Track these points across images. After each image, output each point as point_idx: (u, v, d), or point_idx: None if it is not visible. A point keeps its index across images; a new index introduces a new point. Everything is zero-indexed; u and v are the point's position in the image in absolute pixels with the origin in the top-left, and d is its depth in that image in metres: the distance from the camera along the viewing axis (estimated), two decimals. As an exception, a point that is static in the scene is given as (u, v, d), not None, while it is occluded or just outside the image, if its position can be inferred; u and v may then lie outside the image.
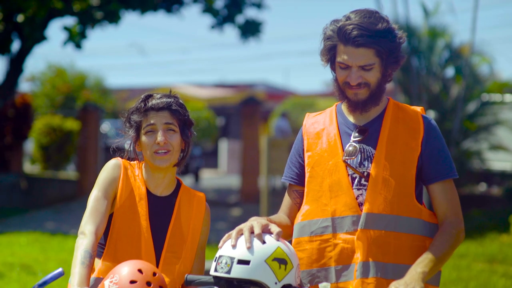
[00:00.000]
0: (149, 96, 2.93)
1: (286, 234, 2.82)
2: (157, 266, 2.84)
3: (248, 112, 16.23)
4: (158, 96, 2.92)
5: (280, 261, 2.45)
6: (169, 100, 2.90)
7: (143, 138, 2.89)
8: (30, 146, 18.38)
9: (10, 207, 14.66)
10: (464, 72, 13.03)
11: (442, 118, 12.97)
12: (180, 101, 2.95)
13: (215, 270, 2.46)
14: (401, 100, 13.45)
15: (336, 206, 2.71)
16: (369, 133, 2.73)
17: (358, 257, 2.66)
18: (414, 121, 2.74)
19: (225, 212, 14.15)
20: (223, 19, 15.45)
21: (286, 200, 2.90)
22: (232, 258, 2.44)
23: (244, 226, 2.51)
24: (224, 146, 25.43)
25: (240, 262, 2.43)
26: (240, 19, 15.38)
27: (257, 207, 13.75)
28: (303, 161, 2.84)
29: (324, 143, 2.79)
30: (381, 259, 2.65)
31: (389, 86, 2.91)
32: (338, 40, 2.69)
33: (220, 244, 2.51)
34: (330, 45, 2.73)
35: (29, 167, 18.68)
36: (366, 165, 2.70)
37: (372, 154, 2.71)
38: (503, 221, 10.83)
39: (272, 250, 2.45)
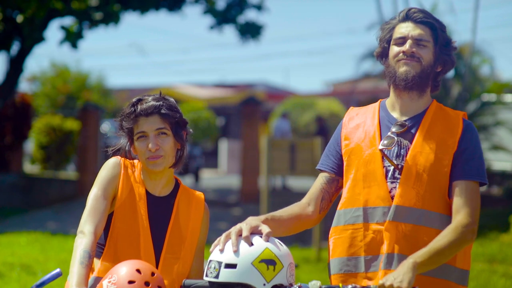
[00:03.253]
0: (138, 101, 2.89)
1: (299, 224, 2.83)
2: (157, 267, 2.83)
3: (248, 112, 16.22)
4: (148, 100, 2.87)
5: (268, 262, 2.46)
6: (157, 103, 2.85)
7: (136, 143, 2.88)
8: (30, 146, 18.37)
9: (10, 207, 14.66)
10: (464, 72, 13.03)
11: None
12: (170, 102, 2.90)
13: (206, 275, 2.51)
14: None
15: (368, 196, 2.74)
16: (408, 128, 2.77)
17: (385, 248, 2.68)
18: (454, 121, 2.78)
19: (225, 212, 14.15)
20: (222, 19, 15.45)
21: (314, 186, 2.90)
22: (219, 263, 2.47)
23: (233, 229, 2.53)
24: (224, 146, 25.43)
25: (227, 266, 2.46)
26: (240, 20, 15.38)
27: (257, 207, 13.75)
28: (341, 150, 2.87)
29: (363, 132, 2.83)
30: (408, 252, 2.64)
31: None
32: (398, 21, 2.84)
33: (211, 249, 2.54)
34: (389, 27, 2.85)
35: (29, 167, 18.67)
36: (402, 157, 2.73)
37: (408, 148, 2.74)
38: (503, 221, 10.82)
39: (259, 252, 2.47)
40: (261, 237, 2.53)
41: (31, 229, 11.96)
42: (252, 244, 2.49)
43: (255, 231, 2.55)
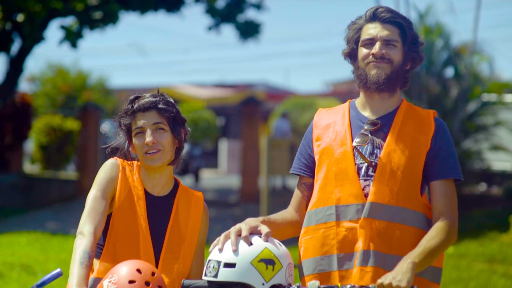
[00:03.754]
0: (136, 98, 2.92)
1: (291, 230, 2.85)
2: (156, 267, 2.83)
3: (248, 112, 16.23)
4: (145, 96, 2.91)
5: (267, 261, 2.47)
6: (154, 99, 2.89)
7: (134, 140, 2.90)
8: (30, 146, 18.37)
9: (10, 207, 14.66)
10: (463, 72, 13.02)
11: (442, 118, 12.94)
12: (167, 98, 2.93)
13: (205, 275, 2.51)
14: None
15: (341, 194, 2.74)
16: (380, 126, 2.77)
17: (359, 245, 2.67)
18: (426, 120, 2.79)
19: (225, 212, 14.14)
20: (221, 19, 15.45)
21: (295, 193, 2.92)
22: (219, 262, 2.47)
23: (232, 229, 2.54)
24: (224, 146, 25.42)
25: (226, 265, 2.46)
26: (240, 19, 15.38)
27: (257, 207, 13.75)
28: (312, 151, 2.87)
29: (333, 132, 2.83)
30: (382, 249, 2.66)
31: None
32: (365, 21, 2.81)
33: (210, 249, 2.55)
34: (356, 28, 2.83)
35: (29, 167, 18.67)
36: (375, 155, 2.74)
37: (382, 146, 2.74)
38: (503, 221, 10.82)
39: (259, 252, 2.47)
40: (260, 237, 2.53)
41: (31, 229, 11.96)
42: (251, 244, 2.49)
43: (254, 231, 2.56)
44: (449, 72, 13.98)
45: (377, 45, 2.75)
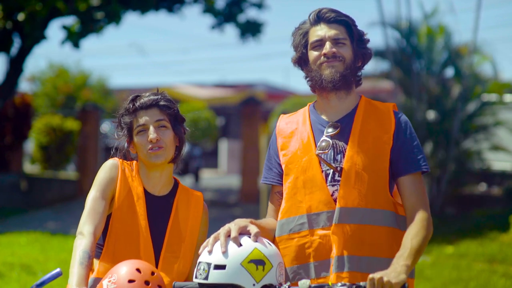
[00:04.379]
0: (136, 96, 2.93)
1: (270, 235, 2.82)
2: (156, 266, 2.83)
3: (248, 112, 16.23)
4: (146, 95, 2.92)
5: (257, 262, 2.46)
6: (156, 97, 2.90)
7: (136, 138, 2.90)
8: (30, 146, 18.37)
9: (10, 207, 14.65)
10: (463, 72, 13.02)
11: (442, 118, 12.96)
12: (168, 96, 2.95)
13: (195, 277, 2.50)
14: (402, 101, 13.45)
15: (311, 203, 2.73)
16: (341, 129, 2.76)
17: (334, 252, 2.67)
18: (386, 116, 2.78)
19: (225, 212, 14.14)
20: (223, 19, 15.45)
21: (270, 202, 2.92)
22: (209, 264, 2.47)
23: (222, 230, 2.53)
24: (224, 146, 25.42)
25: (217, 267, 2.45)
26: (241, 18, 15.38)
27: (257, 207, 13.75)
28: (279, 160, 2.86)
29: (297, 140, 2.82)
30: (356, 252, 2.66)
31: (390, 86, 2.91)
32: (310, 25, 2.81)
33: (200, 250, 2.54)
34: (302, 33, 2.82)
35: (29, 167, 18.67)
36: (339, 159, 2.73)
37: (345, 149, 2.74)
38: (503, 221, 10.81)
39: (248, 252, 2.47)
40: (249, 237, 2.53)
41: (31, 229, 11.96)
42: (240, 245, 2.49)
43: (243, 232, 2.55)
44: (449, 72, 13.99)
45: (327, 45, 2.75)
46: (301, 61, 2.85)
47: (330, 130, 2.77)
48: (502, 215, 11.42)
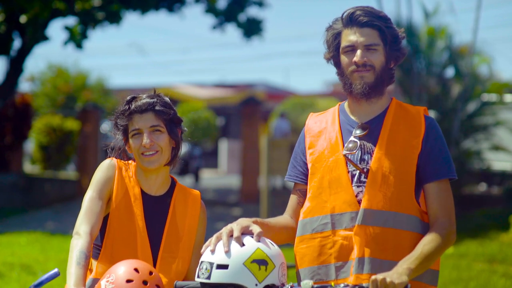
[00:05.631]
0: (133, 98, 2.90)
1: (286, 235, 2.82)
2: (154, 266, 2.83)
3: (248, 112, 16.23)
4: (142, 97, 2.89)
5: (260, 262, 2.46)
6: (152, 100, 2.86)
7: (131, 141, 2.89)
8: (30, 146, 18.37)
9: (10, 207, 14.65)
10: (464, 72, 13.02)
11: (442, 118, 12.96)
12: (165, 99, 2.92)
13: (197, 276, 2.49)
14: (402, 101, 13.42)
15: (335, 203, 2.71)
16: (370, 130, 2.74)
17: (355, 253, 2.65)
18: (416, 120, 2.75)
19: (225, 212, 14.14)
20: (225, 18, 15.44)
21: (291, 200, 2.90)
22: (211, 263, 2.46)
23: (224, 230, 2.52)
24: (224, 146, 25.42)
25: (219, 266, 2.45)
26: (242, 17, 15.36)
27: (257, 207, 13.75)
28: (306, 159, 2.84)
29: (325, 140, 2.81)
30: (377, 255, 2.64)
31: (390, 86, 2.88)
32: (343, 26, 2.76)
33: (202, 250, 2.53)
34: (334, 33, 2.78)
35: (29, 167, 18.67)
36: (366, 161, 2.71)
37: (373, 151, 2.71)
38: (503, 221, 10.82)
39: (251, 252, 2.46)
40: (252, 237, 2.52)
41: (31, 229, 11.96)
42: (243, 245, 2.48)
43: (246, 232, 2.54)
44: (450, 72, 13.99)
45: (358, 53, 2.71)
46: (333, 61, 2.82)
47: (358, 131, 2.75)
48: (502, 215, 11.43)
